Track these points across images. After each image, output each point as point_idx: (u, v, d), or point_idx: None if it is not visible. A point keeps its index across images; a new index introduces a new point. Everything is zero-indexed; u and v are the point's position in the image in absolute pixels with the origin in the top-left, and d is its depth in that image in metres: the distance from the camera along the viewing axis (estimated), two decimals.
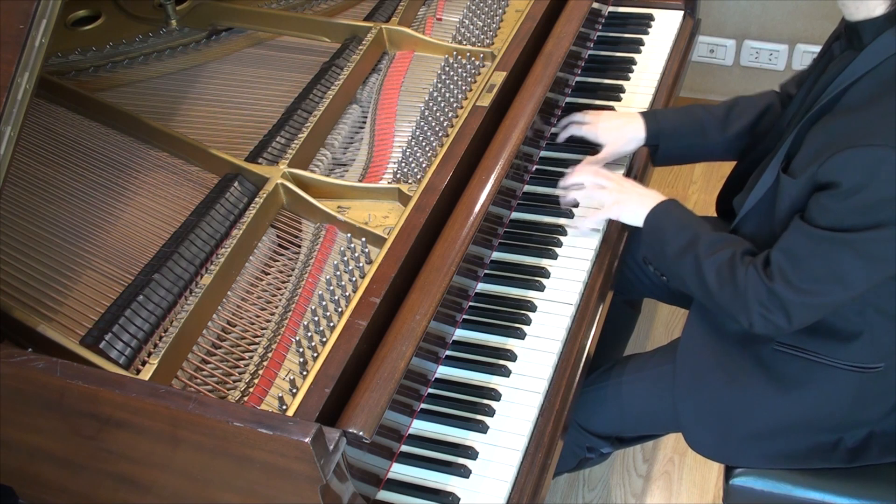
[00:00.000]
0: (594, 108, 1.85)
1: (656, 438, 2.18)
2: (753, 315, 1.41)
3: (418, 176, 1.55)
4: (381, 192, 1.54)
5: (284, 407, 1.25)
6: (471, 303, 1.57)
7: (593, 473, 2.25)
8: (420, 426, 1.41)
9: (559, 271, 1.61)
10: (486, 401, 1.42)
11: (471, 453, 1.36)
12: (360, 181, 1.58)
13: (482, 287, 1.59)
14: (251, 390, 1.29)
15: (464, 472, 1.34)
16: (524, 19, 1.79)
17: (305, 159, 1.59)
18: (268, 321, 1.39)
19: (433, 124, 1.65)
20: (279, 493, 1.15)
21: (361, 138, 1.68)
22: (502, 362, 1.47)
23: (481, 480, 1.34)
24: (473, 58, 1.77)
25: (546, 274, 1.60)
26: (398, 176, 1.57)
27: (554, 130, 1.85)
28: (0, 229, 1.43)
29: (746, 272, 1.41)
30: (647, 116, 1.75)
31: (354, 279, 1.41)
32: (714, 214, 1.82)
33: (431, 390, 1.45)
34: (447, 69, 1.76)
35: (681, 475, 2.23)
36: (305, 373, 1.27)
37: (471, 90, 1.70)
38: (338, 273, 1.42)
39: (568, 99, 1.94)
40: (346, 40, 1.83)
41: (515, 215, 1.71)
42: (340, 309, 1.37)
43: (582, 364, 1.53)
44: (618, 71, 1.99)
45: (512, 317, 1.54)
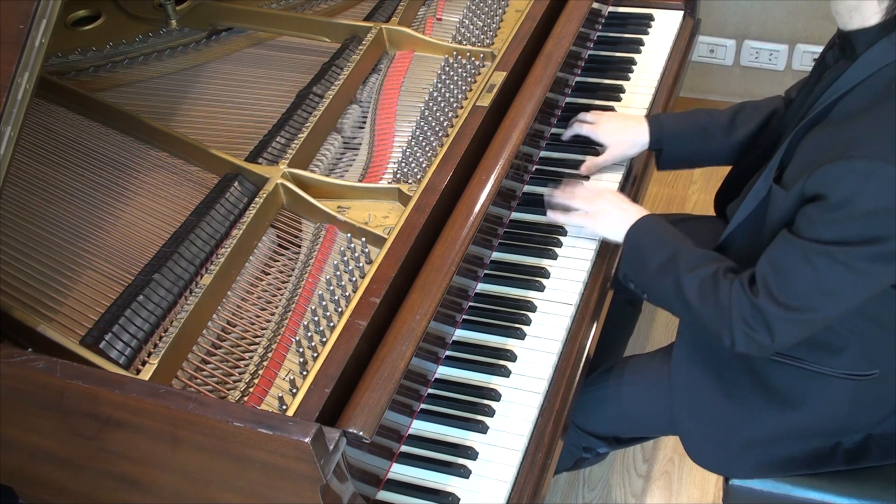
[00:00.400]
0: (594, 109, 1.85)
1: (654, 439, 2.18)
2: (736, 332, 1.37)
3: (418, 176, 1.55)
4: (381, 192, 1.54)
5: (284, 407, 1.25)
6: (471, 303, 1.57)
7: (593, 473, 2.25)
8: (420, 426, 1.41)
9: (559, 271, 1.61)
10: (486, 401, 1.42)
11: (471, 453, 1.36)
12: (360, 181, 1.58)
13: (482, 287, 1.59)
14: (251, 390, 1.29)
15: (464, 473, 1.34)
16: (524, 19, 1.79)
17: (305, 159, 1.59)
18: (268, 321, 1.39)
19: (433, 124, 1.65)
20: (279, 494, 1.15)
21: (361, 138, 1.68)
22: (502, 362, 1.47)
23: (481, 481, 1.34)
24: (473, 58, 1.77)
25: (546, 274, 1.60)
26: (398, 176, 1.57)
27: (557, 131, 1.85)
28: (0, 229, 1.43)
29: (731, 287, 1.38)
30: (652, 121, 1.75)
31: (354, 279, 1.41)
32: (714, 214, 1.82)
33: (431, 390, 1.45)
34: (447, 69, 1.76)
35: (681, 475, 2.23)
36: (305, 373, 1.27)
37: (471, 90, 1.70)
38: (338, 273, 1.42)
39: (568, 99, 1.93)
40: (346, 40, 1.83)
41: (515, 215, 1.71)
42: (340, 309, 1.37)
43: (582, 364, 1.53)
44: (618, 71, 1.99)
45: (512, 317, 1.54)
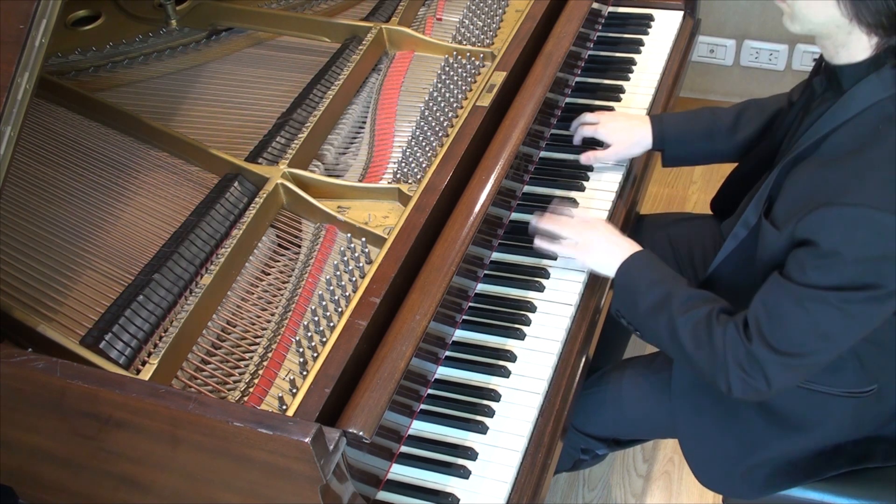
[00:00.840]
0: (594, 109, 1.85)
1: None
2: (732, 378, 1.35)
3: (418, 176, 1.55)
4: (381, 192, 1.54)
5: (284, 407, 1.25)
6: (470, 303, 1.57)
7: (593, 473, 2.25)
8: (420, 427, 1.41)
9: (559, 272, 1.61)
10: (486, 401, 1.42)
11: (470, 454, 1.36)
12: (360, 181, 1.58)
13: (482, 287, 1.59)
14: (251, 390, 1.29)
15: (463, 473, 1.34)
16: (524, 19, 1.79)
17: (305, 159, 1.59)
18: (268, 321, 1.39)
19: (433, 124, 1.65)
20: (279, 493, 1.15)
21: (361, 138, 1.68)
22: (502, 363, 1.47)
23: (481, 481, 1.34)
24: (473, 58, 1.77)
25: (546, 274, 1.60)
26: (398, 176, 1.57)
27: (557, 131, 1.85)
28: (0, 229, 1.43)
29: (725, 332, 1.35)
30: (655, 121, 1.74)
31: (354, 279, 1.41)
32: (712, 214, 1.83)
33: (431, 391, 1.45)
34: (447, 69, 1.76)
35: (681, 475, 2.23)
36: (305, 373, 1.27)
37: (471, 90, 1.70)
38: (338, 273, 1.42)
39: (568, 99, 1.94)
40: (346, 40, 1.83)
41: (515, 215, 1.71)
42: (340, 309, 1.37)
43: (582, 365, 1.53)
44: (618, 71, 1.99)
45: (511, 317, 1.54)
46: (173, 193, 1.56)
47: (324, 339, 1.33)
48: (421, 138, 1.63)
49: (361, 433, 1.20)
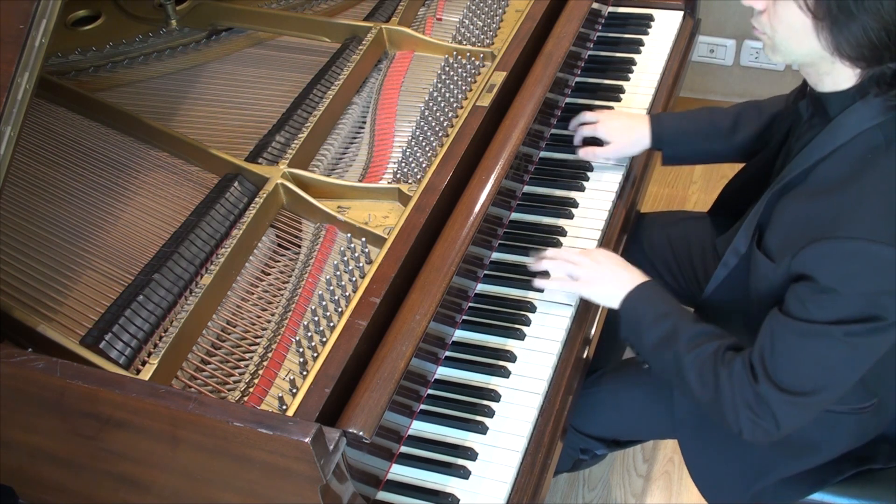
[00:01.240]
0: (594, 109, 1.85)
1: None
2: (742, 420, 1.33)
3: (418, 176, 1.55)
4: (381, 192, 1.54)
5: (284, 407, 1.25)
6: (470, 303, 1.57)
7: (593, 473, 2.25)
8: (419, 427, 1.41)
9: None
10: (486, 402, 1.42)
11: (470, 454, 1.36)
12: (360, 181, 1.58)
13: (482, 288, 1.59)
14: (251, 390, 1.29)
15: (463, 473, 1.34)
16: (524, 19, 1.79)
17: (305, 159, 1.59)
18: (268, 321, 1.39)
19: (433, 124, 1.65)
20: (279, 494, 1.15)
21: (361, 138, 1.68)
22: (502, 363, 1.47)
23: (481, 481, 1.34)
24: (473, 58, 1.77)
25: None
26: (398, 176, 1.57)
27: (557, 131, 1.85)
28: (0, 229, 1.43)
29: (731, 373, 1.33)
30: (654, 120, 1.75)
31: (354, 279, 1.41)
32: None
33: (431, 391, 1.45)
34: (447, 69, 1.76)
35: (681, 475, 2.23)
36: (305, 373, 1.27)
37: (471, 90, 1.70)
38: (338, 273, 1.42)
39: (568, 99, 1.94)
40: (346, 40, 1.83)
41: (515, 216, 1.71)
42: (340, 309, 1.37)
43: (582, 365, 1.53)
44: (618, 71, 1.99)
45: (511, 317, 1.54)
46: (173, 193, 1.56)
47: (324, 339, 1.33)
48: (421, 138, 1.63)
49: (361, 433, 1.20)
